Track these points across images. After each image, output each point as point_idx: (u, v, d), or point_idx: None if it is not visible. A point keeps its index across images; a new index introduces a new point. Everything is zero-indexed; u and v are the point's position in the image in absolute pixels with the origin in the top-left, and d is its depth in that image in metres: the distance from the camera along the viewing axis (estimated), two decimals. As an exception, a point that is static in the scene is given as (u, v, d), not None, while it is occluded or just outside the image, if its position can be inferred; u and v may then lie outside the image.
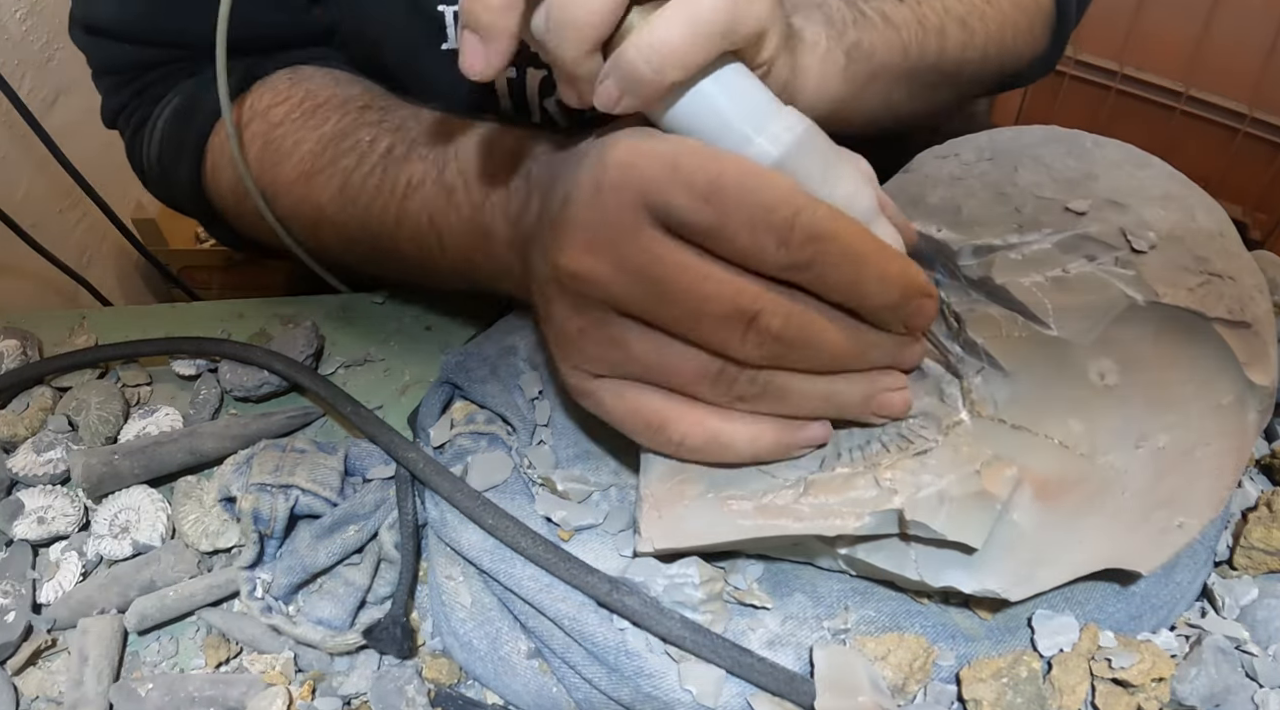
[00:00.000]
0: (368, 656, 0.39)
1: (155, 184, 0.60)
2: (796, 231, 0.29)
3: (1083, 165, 0.37)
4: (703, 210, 0.29)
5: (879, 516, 0.33)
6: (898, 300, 0.31)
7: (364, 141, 0.48)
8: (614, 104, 0.31)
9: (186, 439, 0.46)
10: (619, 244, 0.30)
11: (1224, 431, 0.34)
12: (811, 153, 0.32)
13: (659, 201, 0.29)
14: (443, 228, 0.44)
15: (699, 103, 0.31)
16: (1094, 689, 0.34)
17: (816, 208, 0.29)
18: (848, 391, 0.33)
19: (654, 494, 0.35)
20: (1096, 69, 1.44)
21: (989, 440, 0.34)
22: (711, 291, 0.30)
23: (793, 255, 0.29)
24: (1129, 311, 0.33)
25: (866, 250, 0.30)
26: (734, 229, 0.29)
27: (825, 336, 0.31)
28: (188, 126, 0.54)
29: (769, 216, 0.28)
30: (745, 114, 0.31)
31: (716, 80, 0.31)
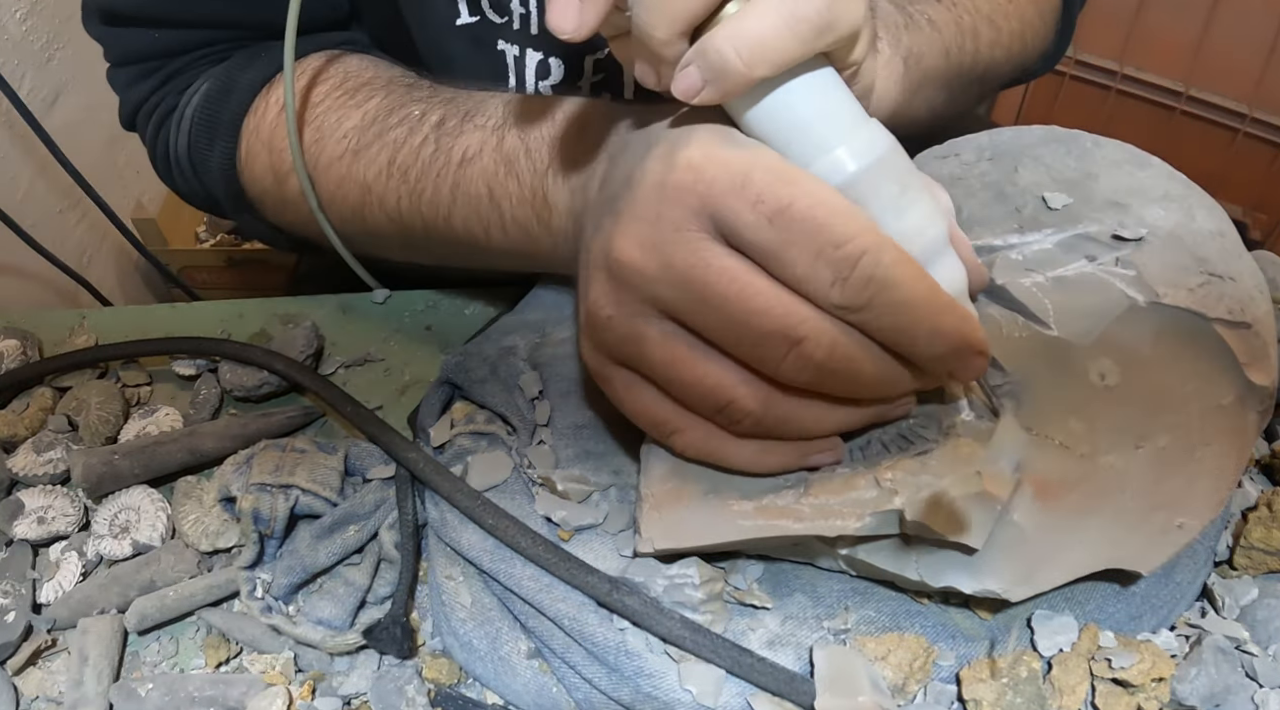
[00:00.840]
0: (368, 656, 0.39)
1: (183, 177, 0.57)
2: (857, 273, 0.28)
3: (1083, 165, 0.37)
4: (765, 231, 0.28)
5: (879, 517, 0.33)
6: (945, 354, 0.30)
7: (414, 115, 0.46)
8: (694, 93, 0.29)
9: (186, 439, 0.46)
10: (671, 244, 0.30)
11: (1224, 431, 0.34)
12: (888, 174, 0.30)
13: (722, 213, 0.29)
14: (501, 199, 0.43)
15: (783, 104, 0.30)
16: (1094, 689, 0.34)
17: (882, 251, 0.28)
18: (858, 422, 0.33)
19: (654, 494, 0.35)
20: (1096, 69, 1.44)
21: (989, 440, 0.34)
22: (760, 307, 0.29)
23: (848, 296, 0.28)
24: (1129, 312, 0.33)
25: (923, 301, 0.29)
26: (795, 257, 0.28)
27: (864, 371, 0.30)
28: (221, 109, 0.52)
29: (832, 251, 0.28)
30: (829, 122, 0.30)
31: (806, 83, 0.30)
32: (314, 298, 0.57)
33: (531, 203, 0.42)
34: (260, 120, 0.52)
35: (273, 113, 0.51)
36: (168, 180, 0.58)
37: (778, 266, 0.29)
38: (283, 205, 0.54)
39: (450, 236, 0.47)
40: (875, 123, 0.31)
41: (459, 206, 0.45)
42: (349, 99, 0.49)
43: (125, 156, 1.28)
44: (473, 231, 0.45)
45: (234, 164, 0.53)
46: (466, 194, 0.44)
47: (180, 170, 0.56)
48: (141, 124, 0.57)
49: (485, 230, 0.45)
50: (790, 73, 0.29)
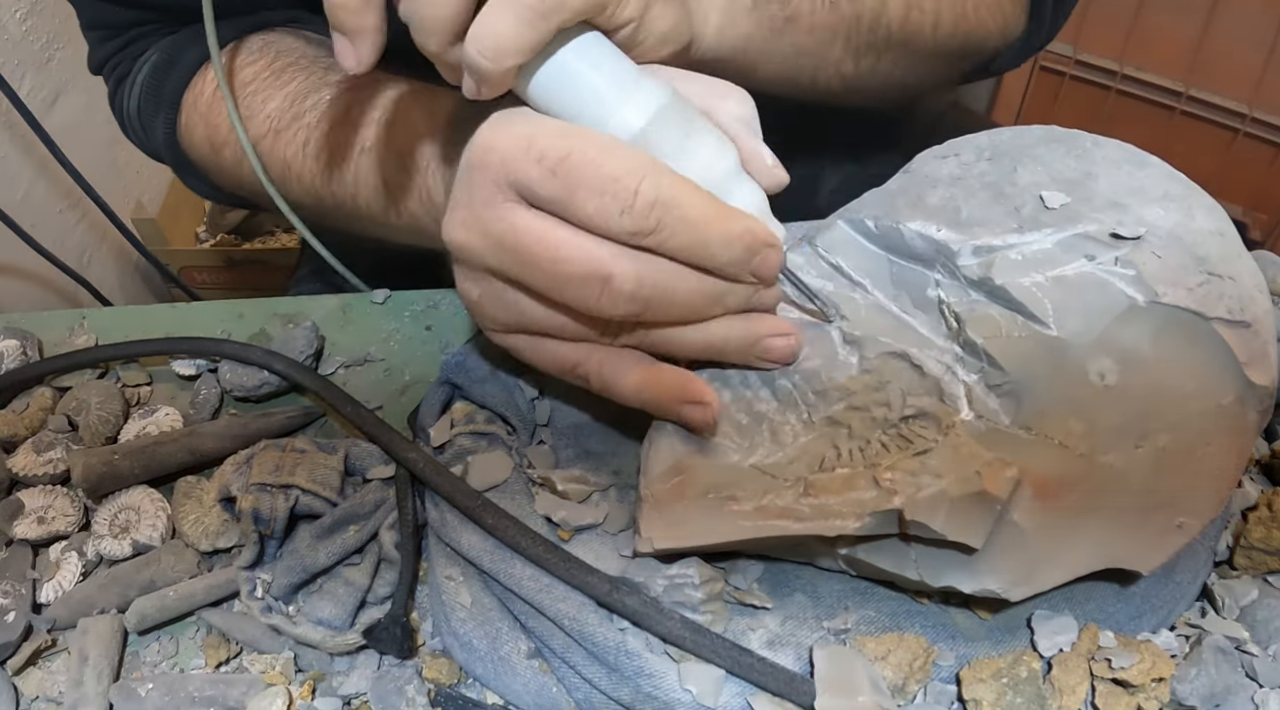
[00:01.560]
0: (368, 656, 0.39)
1: (134, 134, 0.63)
2: (639, 199, 0.30)
3: (1082, 165, 0.37)
4: (553, 183, 0.31)
5: (879, 517, 0.33)
6: (742, 256, 0.32)
7: (324, 99, 0.50)
8: (476, 94, 0.32)
9: (186, 439, 0.46)
10: (485, 218, 0.33)
11: (1224, 431, 0.34)
12: (670, 123, 0.33)
13: (516, 177, 0.31)
14: (394, 190, 0.47)
15: (554, 78, 0.32)
16: (1094, 689, 0.34)
17: (660, 177, 0.31)
18: (725, 335, 0.35)
19: (654, 494, 0.35)
20: (1096, 69, 1.44)
21: (989, 440, 0.34)
22: (565, 255, 0.32)
23: (637, 222, 0.31)
24: (1129, 311, 0.33)
25: (708, 214, 0.32)
26: (583, 200, 0.31)
27: (677, 293, 0.32)
28: (164, 82, 0.58)
29: (613, 186, 0.30)
30: (604, 87, 0.32)
31: (568, 53, 0.32)
32: (314, 298, 0.57)
33: (418, 196, 0.46)
34: (199, 95, 0.57)
35: (209, 89, 0.57)
36: (124, 132, 0.64)
37: (571, 212, 0.31)
38: (220, 172, 0.59)
39: (357, 214, 0.51)
40: (652, 79, 0.33)
41: (361, 191, 0.49)
42: (274, 80, 0.53)
43: (125, 156, 1.28)
44: (374, 213, 0.50)
45: (175, 131, 0.59)
46: (366, 182, 0.49)
47: (132, 129, 0.63)
48: (105, 78, 0.63)
49: (384, 212, 0.49)
50: (551, 49, 0.32)
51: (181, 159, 0.61)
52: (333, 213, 0.53)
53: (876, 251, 0.38)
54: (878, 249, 0.38)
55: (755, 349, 0.35)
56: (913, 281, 0.38)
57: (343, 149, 0.49)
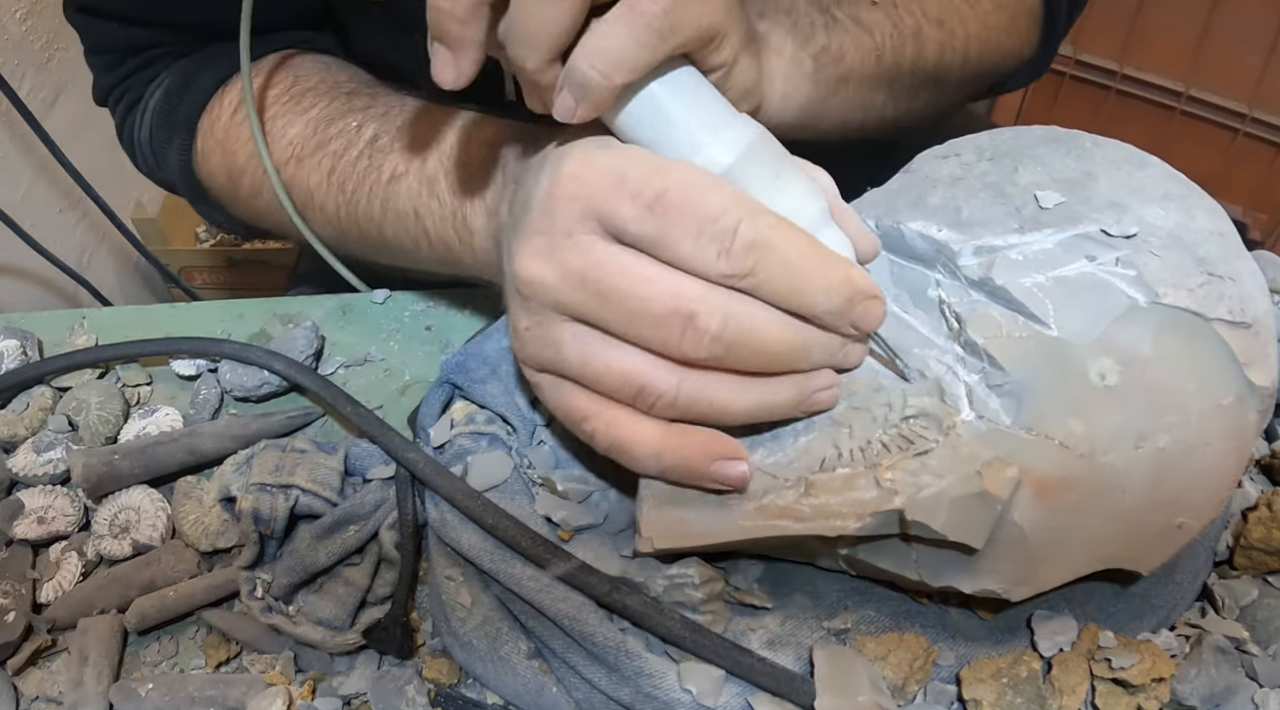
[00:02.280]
0: (368, 656, 0.40)
1: (146, 163, 0.61)
2: (738, 240, 0.29)
3: (1082, 165, 0.37)
4: (647, 220, 0.30)
5: (880, 517, 0.33)
6: (841, 306, 0.31)
7: (351, 127, 0.49)
8: (571, 114, 0.31)
9: (186, 439, 0.46)
10: (565, 251, 0.31)
11: (1224, 432, 0.34)
12: (760, 161, 0.32)
13: (606, 212, 0.30)
14: (425, 218, 0.46)
15: (649, 106, 0.32)
16: (1094, 689, 0.34)
17: (758, 217, 0.30)
18: (776, 400, 0.33)
19: (654, 494, 0.35)
20: (1096, 69, 1.45)
21: (989, 440, 0.34)
22: (650, 293, 0.30)
23: (734, 264, 0.30)
24: (1129, 312, 0.33)
25: (808, 259, 0.30)
26: (677, 238, 0.30)
27: (766, 336, 0.31)
28: (178, 107, 0.56)
29: (711, 226, 0.29)
30: (696, 120, 0.32)
31: (666, 83, 0.32)
32: (314, 298, 0.57)
33: (452, 224, 0.45)
34: (215, 120, 0.55)
35: (226, 114, 0.55)
36: (133, 161, 0.62)
37: (664, 251, 0.30)
38: (235, 201, 0.57)
39: (385, 245, 0.50)
40: (743, 116, 0.33)
41: (389, 221, 0.48)
42: (295, 105, 0.52)
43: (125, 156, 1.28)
44: (403, 244, 0.48)
45: (190, 159, 0.57)
46: (395, 210, 0.47)
47: (144, 157, 0.60)
48: (111, 107, 0.61)
49: (414, 244, 0.47)
50: (650, 77, 0.31)
51: (196, 188, 0.59)
52: (356, 243, 0.52)
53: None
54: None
55: (803, 405, 0.34)
56: (913, 281, 0.38)
57: (369, 175, 0.48)
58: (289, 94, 0.52)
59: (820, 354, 0.33)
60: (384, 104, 0.50)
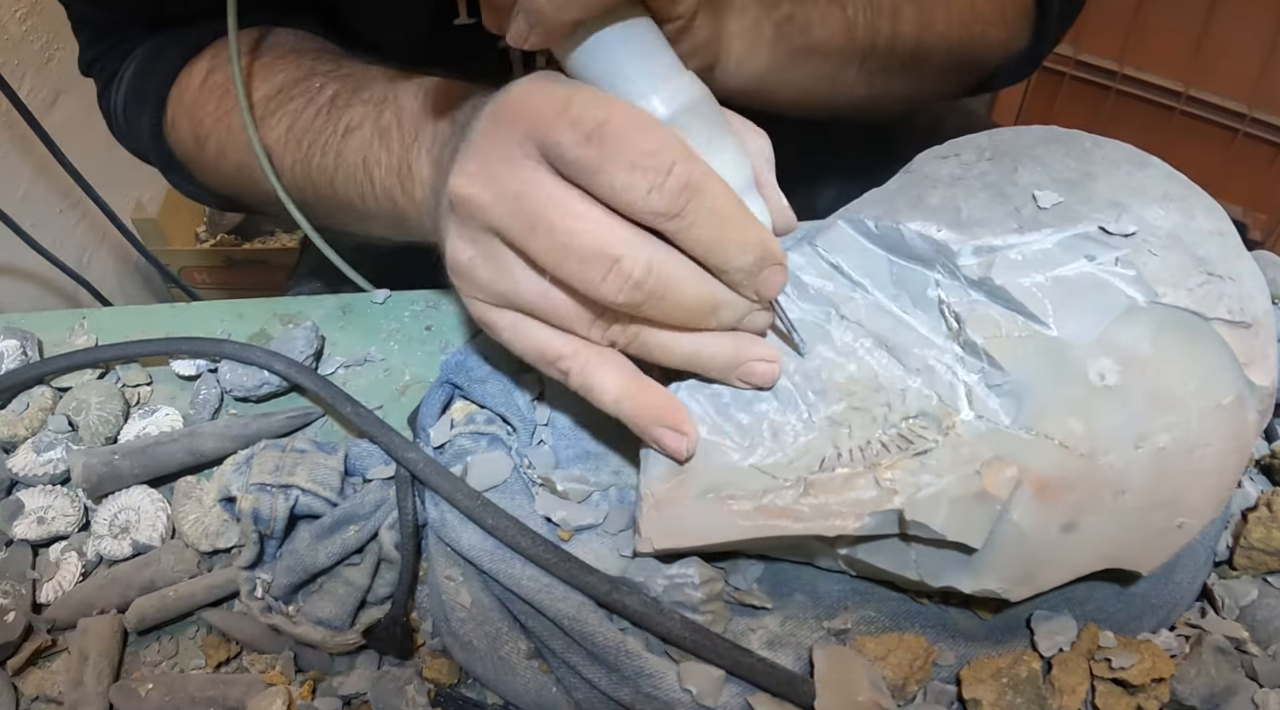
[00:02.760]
0: (368, 656, 0.40)
1: (121, 132, 0.63)
2: (672, 179, 0.30)
3: (1082, 165, 0.37)
4: (584, 148, 0.30)
5: (879, 517, 0.33)
6: (752, 264, 0.32)
7: (314, 87, 0.50)
8: (523, 40, 0.31)
9: (186, 439, 0.46)
10: (502, 172, 0.32)
11: (1224, 432, 0.34)
12: (699, 119, 0.33)
13: (545, 136, 0.31)
14: (373, 168, 0.46)
15: (599, 49, 0.32)
16: (1094, 689, 0.34)
17: (694, 161, 0.30)
18: (713, 350, 0.34)
19: (654, 494, 0.35)
20: (1096, 69, 1.44)
21: (989, 440, 0.34)
22: (580, 228, 0.31)
23: (664, 202, 0.30)
24: (1129, 311, 0.33)
25: (732, 213, 0.31)
26: (613, 170, 0.30)
27: (683, 289, 0.32)
28: (148, 82, 0.58)
29: (647, 162, 0.30)
30: (643, 69, 0.32)
31: (618, 29, 0.32)
32: (314, 298, 0.57)
33: (398, 172, 0.45)
34: (183, 91, 0.57)
35: (195, 84, 0.57)
36: (112, 132, 0.65)
37: (598, 181, 0.30)
38: (203, 167, 0.60)
39: (334, 201, 0.51)
40: (689, 75, 0.33)
41: (340, 174, 0.49)
42: (263, 71, 0.54)
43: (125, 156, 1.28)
44: (350, 197, 0.49)
45: (161, 128, 0.59)
46: (346, 162, 0.48)
47: (119, 127, 0.63)
48: (94, 78, 0.64)
49: (360, 197, 0.48)
50: (604, 21, 0.32)
51: (167, 156, 0.61)
52: (311, 200, 0.53)
53: (876, 251, 0.38)
54: (878, 249, 0.38)
55: (738, 370, 0.35)
56: (913, 281, 0.38)
57: (325, 129, 0.49)
58: (259, 63, 0.54)
59: (728, 314, 0.34)
60: (349, 67, 0.51)
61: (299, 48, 0.55)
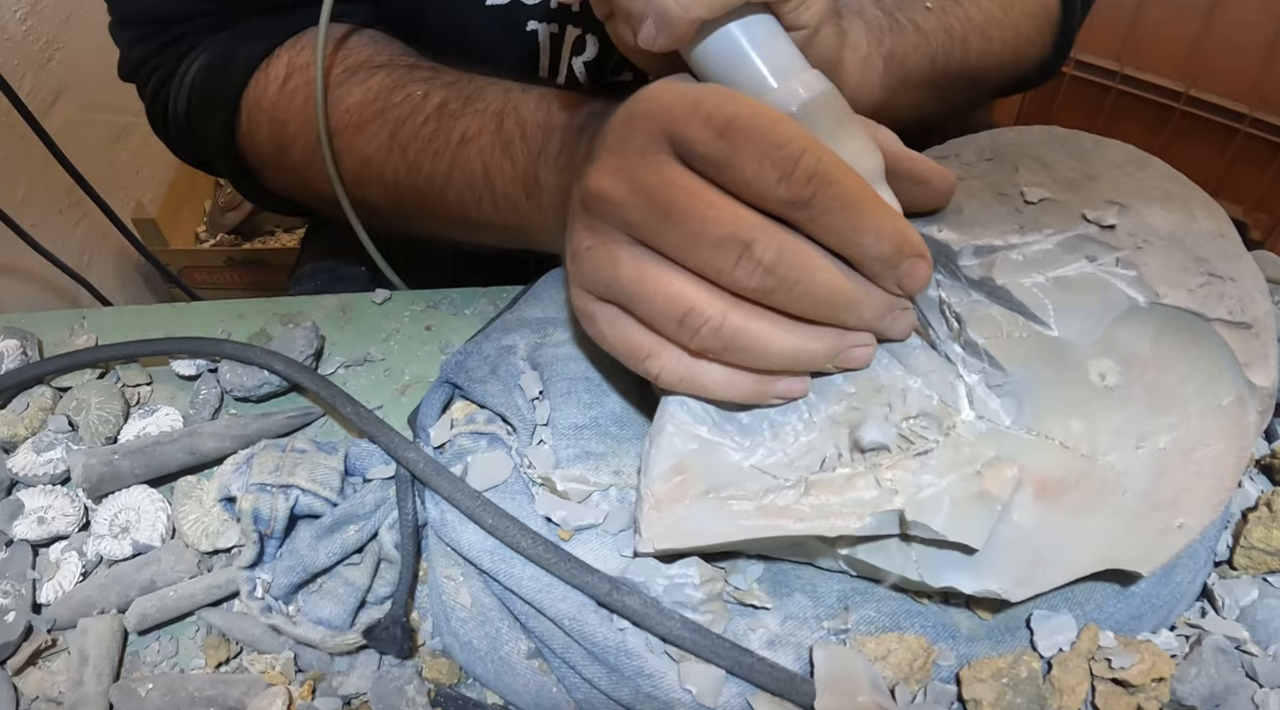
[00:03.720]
0: (368, 656, 0.39)
1: (181, 140, 0.60)
2: (800, 168, 0.30)
3: (1083, 166, 0.37)
4: (716, 142, 0.31)
5: (880, 517, 0.33)
6: (890, 254, 0.32)
7: (416, 94, 0.50)
8: (652, 41, 0.33)
9: (186, 439, 0.46)
10: (636, 168, 0.32)
11: (1224, 432, 0.34)
12: (826, 112, 0.33)
13: (678, 132, 0.31)
14: (495, 177, 0.47)
15: (726, 46, 0.33)
16: (1094, 689, 0.34)
17: (822, 151, 0.30)
18: (814, 349, 0.34)
19: (654, 494, 0.35)
20: (1096, 69, 1.44)
21: (989, 440, 0.34)
22: (712, 216, 0.31)
23: (794, 191, 0.30)
24: (1130, 312, 0.33)
25: (864, 200, 0.31)
26: (743, 162, 0.30)
27: (817, 276, 0.32)
28: (221, 81, 0.55)
29: (776, 153, 0.30)
30: (770, 64, 0.33)
31: (744, 26, 0.33)
32: (314, 298, 0.57)
33: (523, 181, 0.46)
34: (261, 93, 0.55)
35: (274, 86, 0.55)
36: (164, 138, 0.62)
37: (730, 174, 0.31)
38: (283, 171, 0.58)
39: (443, 209, 0.50)
40: (815, 71, 0.34)
41: (454, 182, 0.49)
42: (351, 76, 0.52)
43: (125, 156, 1.28)
44: (465, 206, 0.49)
45: (233, 133, 0.57)
46: (462, 171, 0.48)
47: (179, 132, 0.59)
48: (141, 82, 0.60)
49: (477, 205, 0.48)
50: (730, 18, 0.33)
51: (235, 163, 0.59)
52: (414, 208, 0.52)
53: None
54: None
55: (840, 357, 0.34)
56: (913, 281, 0.38)
57: (438, 139, 0.49)
58: (343, 66, 0.53)
59: (869, 312, 0.33)
60: (450, 75, 0.51)
61: (386, 52, 0.54)
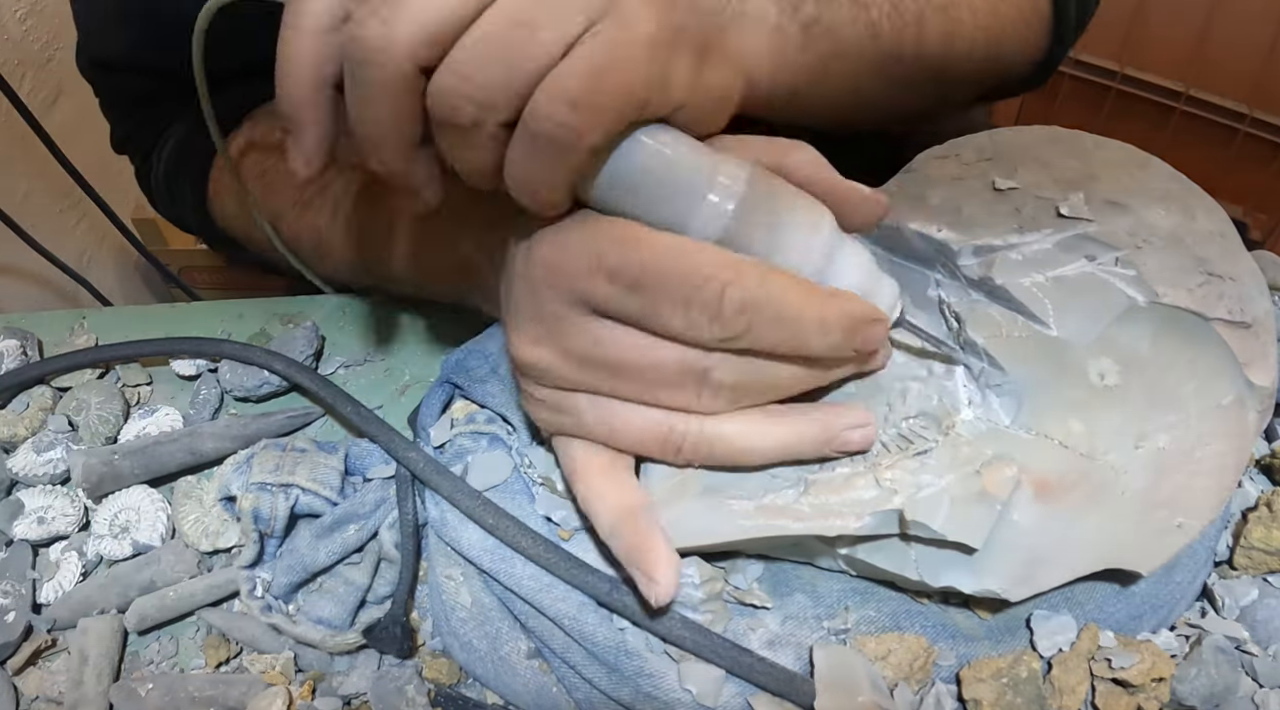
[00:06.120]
0: (368, 656, 0.39)
1: (164, 207, 0.63)
2: (726, 305, 0.28)
3: (1083, 165, 0.37)
4: (630, 299, 0.29)
5: (879, 517, 0.33)
6: (841, 340, 0.30)
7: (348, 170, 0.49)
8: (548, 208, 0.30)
9: (186, 439, 0.46)
10: (559, 334, 0.31)
11: (1224, 432, 0.34)
12: (754, 212, 0.30)
13: (586, 295, 0.30)
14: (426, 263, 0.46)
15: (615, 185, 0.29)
16: (1094, 689, 0.34)
17: (745, 277, 0.28)
18: (801, 439, 0.33)
19: (654, 494, 0.35)
20: (1096, 69, 1.44)
21: (989, 440, 0.34)
22: (659, 359, 0.30)
23: (727, 328, 0.29)
24: (1129, 312, 0.33)
25: (800, 307, 0.29)
26: (667, 314, 0.29)
27: (780, 376, 0.31)
28: (187, 161, 0.57)
29: (698, 295, 0.28)
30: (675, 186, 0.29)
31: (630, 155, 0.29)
32: (314, 298, 0.57)
33: (458, 265, 0.45)
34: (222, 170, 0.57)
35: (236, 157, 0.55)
36: (153, 205, 0.65)
37: (656, 325, 0.30)
38: (251, 241, 0.59)
39: (398, 282, 0.50)
40: (730, 163, 0.30)
41: (396, 260, 0.48)
42: None
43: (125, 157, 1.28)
44: (415, 281, 0.49)
45: (204, 201, 0.59)
46: (399, 251, 0.47)
47: (162, 202, 0.63)
48: (130, 155, 0.64)
49: (426, 280, 0.48)
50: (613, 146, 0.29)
51: (213, 230, 0.60)
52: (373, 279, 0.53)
53: (877, 251, 0.38)
54: (878, 249, 0.38)
55: (832, 445, 0.34)
56: (913, 281, 0.38)
57: (370, 222, 0.48)
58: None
59: (841, 374, 0.33)
60: None
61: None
